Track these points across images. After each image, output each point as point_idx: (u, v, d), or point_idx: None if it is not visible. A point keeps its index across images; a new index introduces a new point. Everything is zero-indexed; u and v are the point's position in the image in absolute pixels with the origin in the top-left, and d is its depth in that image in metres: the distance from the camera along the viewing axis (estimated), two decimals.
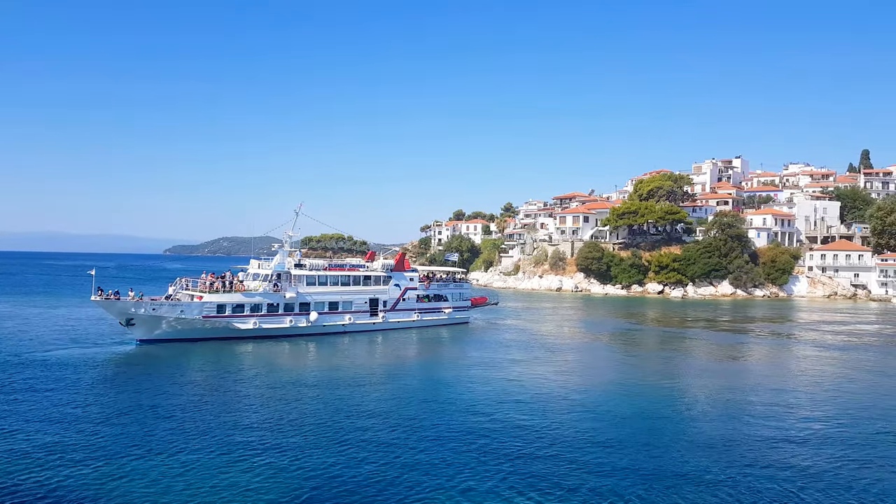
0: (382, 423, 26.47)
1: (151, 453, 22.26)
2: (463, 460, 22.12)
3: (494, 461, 22.08)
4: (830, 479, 21.14)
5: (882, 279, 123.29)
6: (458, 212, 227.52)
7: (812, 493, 19.84)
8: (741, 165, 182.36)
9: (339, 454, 22.48)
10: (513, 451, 23.15)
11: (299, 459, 21.92)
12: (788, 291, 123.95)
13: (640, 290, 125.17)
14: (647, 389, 34.63)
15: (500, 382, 35.67)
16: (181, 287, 50.13)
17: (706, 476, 21.05)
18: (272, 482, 19.89)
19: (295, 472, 20.67)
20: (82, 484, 19.48)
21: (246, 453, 22.43)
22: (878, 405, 31.93)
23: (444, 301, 63.94)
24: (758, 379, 38.87)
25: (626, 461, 22.37)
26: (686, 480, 20.64)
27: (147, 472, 20.56)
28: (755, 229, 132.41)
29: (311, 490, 19.32)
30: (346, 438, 24.28)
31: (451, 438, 24.56)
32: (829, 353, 50.24)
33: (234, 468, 21.00)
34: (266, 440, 23.93)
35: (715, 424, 27.47)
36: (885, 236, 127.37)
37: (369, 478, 20.34)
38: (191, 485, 19.62)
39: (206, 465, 21.21)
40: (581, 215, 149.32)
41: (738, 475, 21.18)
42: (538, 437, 25.01)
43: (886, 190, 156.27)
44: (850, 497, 19.65)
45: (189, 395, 31.27)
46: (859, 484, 20.72)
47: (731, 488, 20.04)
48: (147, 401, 29.61)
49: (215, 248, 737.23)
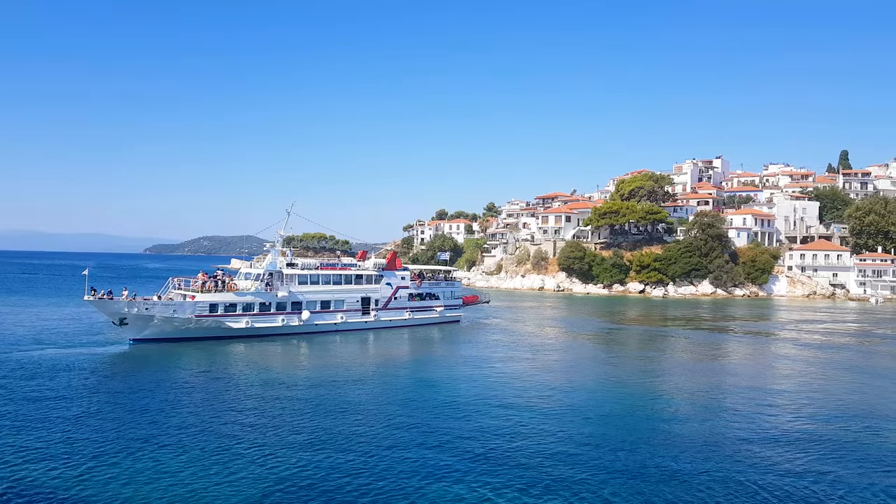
0: (368, 423, 26.16)
1: (137, 453, 21.91)
2: (447, 459, 21.82)
3: (478, 460, 21.81)
4: (811, 476, 21.07)
5: (860, 279, 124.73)
6: (440, 211, 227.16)
7: (791, 489, 19.78)
8: (722, 166, 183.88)
9: (324, 454, 22.11)
10: (497, 451, 22.88)
11: (285, 459, 21.57)
12: (768, 291, 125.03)
13: (621, 290, 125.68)
14: (629, 388, 34.54)
15: (485, 381, 35.53)
16: (174, 287, 50.01)
17: (687, 473, 20.90)
18: (255, 482, 19.51)
19: (280, 472, 20.29)
20: (62, 484, 19.05)
21: (231, 452, 22.10)
22: (856, 403, 32.03)
23: (435, 300, 63.93)
24: (738, 378, 38.95)
25: (609, 459, 22.19)
26: (668, 478, 20.47)
27: (131, 471, 20.24)
28: (735, 229, 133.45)
29: (295, 489, 18.96)
30: (331, 439, 23.95)
31: (436, 438, 24.27)
32: (809, 352, 50.54)
33: (218, 467, 20.68)
34: (253, 440, 23.58)
35: (696, 422, 27.39)
36: (863, 236, 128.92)
37: (351, 477, 19.98)
38: (173, 484, 19.28)
39: (190, 465, 20.87)
40: (563, 215, 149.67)
41: (719, 472, 21.05)
42: (522, 436, 24.76)
43: (864, 190, 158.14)
44: (830, 492, 19.61)
45: (178, 394, 30.99)
46: (840, 480, 20.69)
47: (712, 485, 19.91)
48: (137, 400, 29.29)
49: (196, 248, 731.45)
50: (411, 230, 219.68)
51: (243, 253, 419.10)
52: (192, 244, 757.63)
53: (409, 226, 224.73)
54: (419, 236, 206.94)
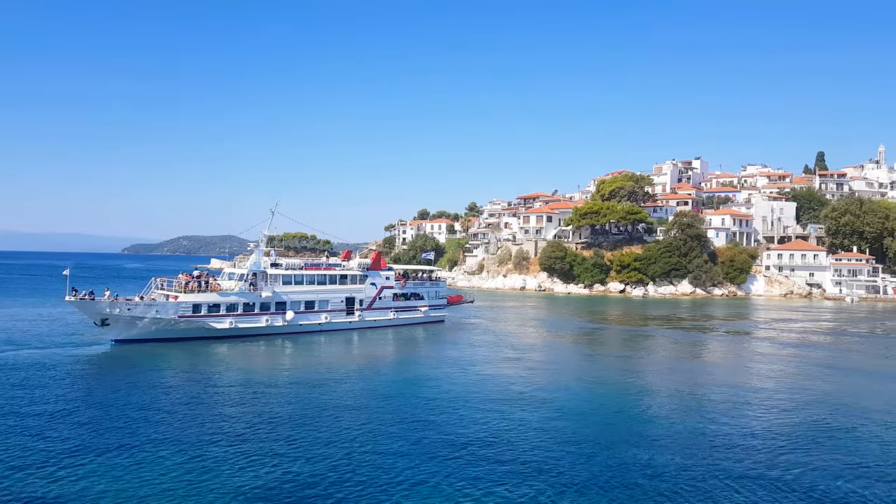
0: (349, 423, 26.14)
1: (114, 454, 21.71)
2: (428, 460, 21.88)
3: (459, 459, 21.90)
4: (790, 471, 21.42)
5: (836, 278, 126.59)
6: (422, 211, 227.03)
7: (771, 484, 20.10)
8: (700, 166, 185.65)
9: (304, 455, 22.09)
10: (479, 451, 22.98)
11: (264, 460, 21.46)
12: (746, 290, 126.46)
13: (602, 290, 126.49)
14: (611, 387, 34.84)
15: (468, 381, 35.67)
16: (157, 287, 49.70)
17: (669, 470, 21.14)
18: (233, 482, 19.41)
19: (258, 472, 20.19)
20: (37, 487, 18.81)
21: (209, 453, 21.97)
22: (832, 400, 32.54)
23: (420, 300, 64.02)
24: (717, 376, 39.41)
25: (589, 456, 22.37)
26: (650, 475, 20.70)
27: (107, 473, 20.08)
28: (714, 229, 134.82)
29: (272, 490, 18.89)
30: (312, 440, 23.91)
31: (417, 438, 24.32)
32: (786, 351, 51.27)
33: (195, 468, 20.53)
34: (232, 440, 23.48)
35: (676, 420, 27.69)
36: (838, 236, 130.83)
37: (329, 476, 19.97)
38: (149, 485, 19.13)
39: (167, 466, 20.71)
40: (544, 215, 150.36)
41: (699, 468, 21.32)
42: (505, 436, 24.88)
43: (840, 191, 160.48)
44: (809, 487, 19.96)
45: (159, 394, 30.82)
46: (818, 474, 21.06)
47: (693, 482, 20.16)
48: (116, 401, 29.09)
49: (175, 248, 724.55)
50: (393, 230, 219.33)
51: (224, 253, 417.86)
52: (171, 244, 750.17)
53: (390, 225, 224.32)
54: (401, 236, 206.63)
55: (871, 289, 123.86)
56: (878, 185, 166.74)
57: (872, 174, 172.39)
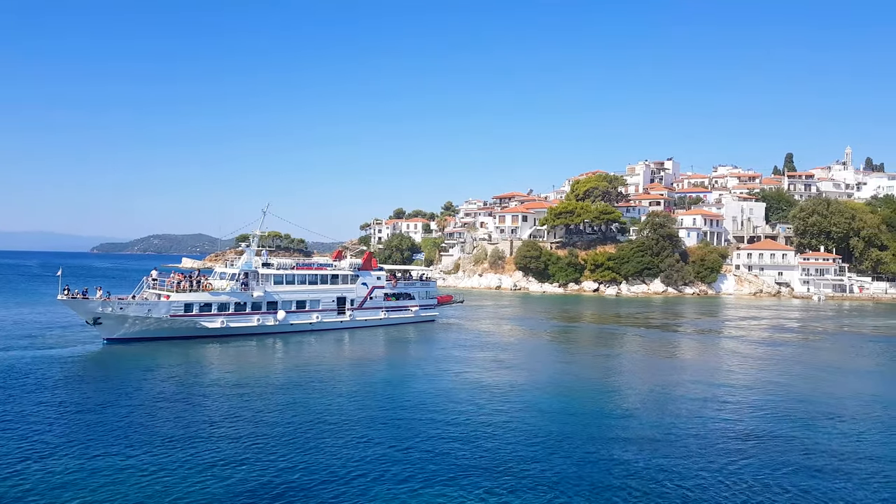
0: (337, 423, 26.24)
1: (103, 453, 21.70)
2: (413, 459, 22.04)
3: (442, 459, 22.09)
4: (760, 467, 21.96)
5: (804, 277, 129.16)
6: (398, 210, 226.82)
7: (741, 480, 20.59)
8: (672, 167, 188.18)
9: (291, 455, 22.11)
10: (460, 450, 23.19)
11: (252, 460, 21.50)
12: (717, 289, 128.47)
13: (576, 288, 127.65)
14: (588, 386, 35.31)
15: (450, 381, 35.96)
16: (149, 286, 49.74)
17: (643, 468, 21.54)
18: (221, 482, 19.42)
19: (246, 473, 20.20)
20: (23, 486, 18.65)
21: (198, 453, 22.00)
22: (801, 396, 33.33)
23: (410, 300, 64.44)
24: (689, 374, 40.09)
25: (567, 456, 22.70)
26: (626, 473, 21.07)
27: (95, 472, 20.03)
28: (686, 229, 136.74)
29: (259, 490, 18.94)
30: (300, 439, 23.96)
31: (403, 437, 24.48)
32: (756, 348, 52.33)
33: (184, 467, 20.54)
34: (222, 440, 23.51)
35: (650, 418, 28.17)
36: (806, 236, 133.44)
37: (315, 477, 20.05)
38: (137, 484, 19.15)
39: (155, 465, 20.71)
40: (520, 214, 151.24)
41: (674, 466, 21.75)
42: (488, 434, 25.12)
43: (808, 192, 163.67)
44: (777, 482, 20.51)
45: (149, 393, 30.79)
46: (787, 469, 21.63)
47: (667, 479, 20.58)
48: (106, 399, 29.26)
49: (145, 246, 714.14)
50: (368, 229, 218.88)
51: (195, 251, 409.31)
52: (142, 242, 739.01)
53: (366, 224, 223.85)
54: (377, 235, 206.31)
55: (838, 288, 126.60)
56: (844, 186, 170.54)
57: (839, 175, 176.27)
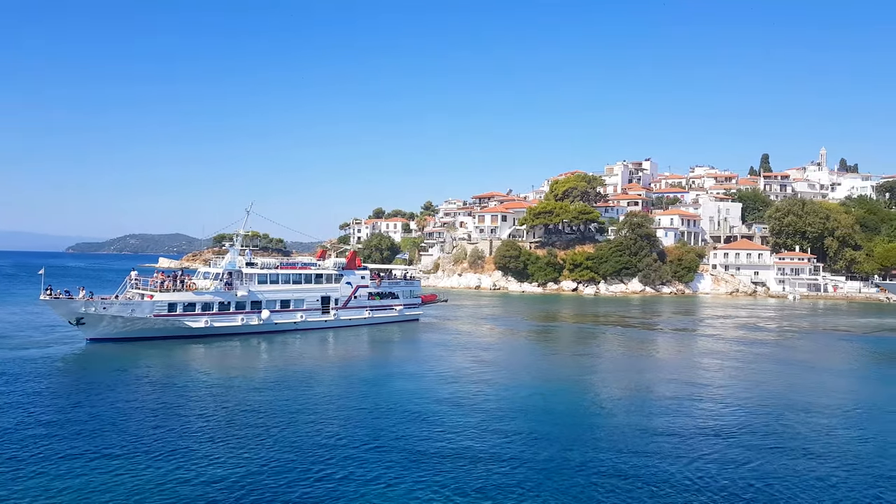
0: (318, 422, 26.09)
1: (82, 454, 21.50)
2: (383, 458, 21.90)
3: (413, 459, 21.97)
4: (739, 465, 22.09)
5: (779, 277, 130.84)
6: (377, 210, 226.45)
7: (720, 478, 20.69)
8: (650, 167, 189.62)
9: (271, 455, 21.91)
10: (439, 450, 23.11)
11: (232, 460, 21.30)
12: (694, 288, 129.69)
13: (555, 288, 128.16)
14: (565, 385, 35.42)
15: (429, 380, 35.95)
16: (132, 286, 49.27)
17: (622, 467, 21.58)
18: (199, 482, 19.19)
19: (224, 473, 19.93)
20: None
21: (178, 453, 21.82)
22: (776, 393, 33.68)
23: (395, 299, 64.54)
24: (667, 372, 40.36)
25: (540, 454, 22.69)
26: (606, 472, 21.10)
27: (72, 473, 19.81)
28: (663, 229, 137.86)
29: (236, 491, 18.68)
30: (281, 439, 23.82)
31: (382, 436, 24.37)
32: (733, 346, 52.84)
33: (163, 468, 20.32)
34: (202, 441, 23.31)
35: (629, 417, 28.30)
36: (782, 236, 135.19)
37: (292, 477, 19.85)
38: (116, 485, 18.96)
39: (135, 466, 20.53)
40: (499, 214, 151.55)
41: (651, 465, 21.84)
42: (458, 435, 25.05)
43: (783, 192, 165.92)
44: (755, 479, 20.62)
45: (124, 394, 30.44)
46: (764, 467, 21.78)
47: (646, 478, 20.64)
48: (79, 399, 28.90)
49: (122, 246, 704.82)
50: (347, 228, 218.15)
51: (172, 251, 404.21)
52: (118, 242, 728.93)
53: (345, 224, 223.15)
54: (356, 235, 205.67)
55: (813, 287, 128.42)
56: (819, 187, 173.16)
57: (814, 176, 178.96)
